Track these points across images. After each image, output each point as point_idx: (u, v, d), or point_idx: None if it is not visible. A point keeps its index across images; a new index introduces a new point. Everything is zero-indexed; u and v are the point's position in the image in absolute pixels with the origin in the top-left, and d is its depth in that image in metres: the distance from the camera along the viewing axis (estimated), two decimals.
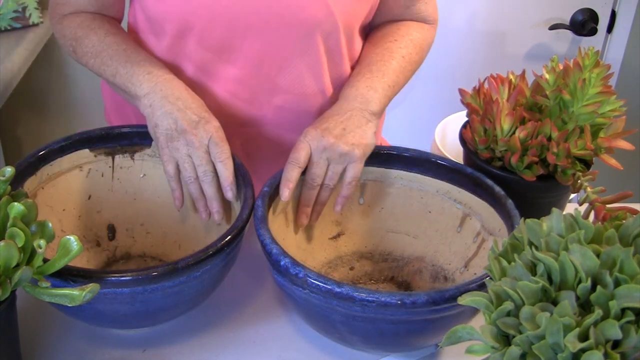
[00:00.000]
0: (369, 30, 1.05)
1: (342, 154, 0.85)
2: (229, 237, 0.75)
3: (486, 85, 0.91)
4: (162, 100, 0.86)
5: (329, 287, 0.69)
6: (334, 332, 0.75)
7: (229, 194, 0.83)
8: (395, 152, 0.91)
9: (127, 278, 0.70)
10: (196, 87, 0.94)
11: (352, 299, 0.68)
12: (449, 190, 0.89)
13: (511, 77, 0.91)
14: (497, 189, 0.84)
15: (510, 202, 0.82)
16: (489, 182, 0.85)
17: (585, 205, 0.82)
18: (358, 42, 1.01)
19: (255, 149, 1.01)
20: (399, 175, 0.92)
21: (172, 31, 0.93)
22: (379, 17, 1.03)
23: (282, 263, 0.72)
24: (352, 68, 1.00)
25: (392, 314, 0.69)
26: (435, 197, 0.90)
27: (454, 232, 0.89)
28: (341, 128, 0.87)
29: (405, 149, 0.91)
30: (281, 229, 0.84)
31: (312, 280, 0.70)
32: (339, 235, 0.92)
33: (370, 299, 0.68)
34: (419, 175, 0.91)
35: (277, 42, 0.92)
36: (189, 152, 0.84)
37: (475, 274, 0.84)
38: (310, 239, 0.89)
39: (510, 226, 0.79)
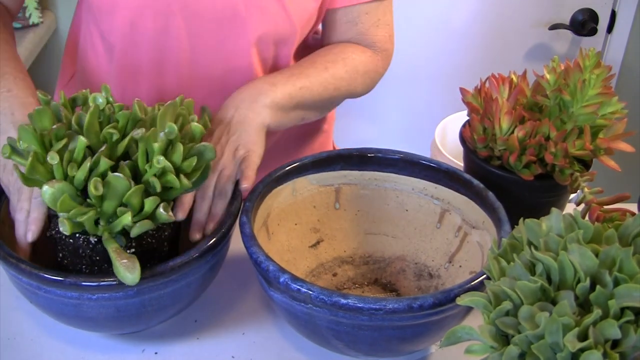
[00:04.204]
0: None
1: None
2: (214, 239, 0.75)
3: (487, 85, 0.91)
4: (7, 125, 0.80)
5: (334, 299, 0.67)
6: (337, 343, 0.75)
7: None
8: (367, 154, 0.90)
9: (105, 283, 0.70)
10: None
11: (360, 310, 0.67)
12: (425, 187, 0.89)
13: (512, 76, 0.91)
14: (476, 182, 0.84)
15: (491, 194, 0.82)
16: (466, 176, 0.85)
17: (583, 206, 0.82)
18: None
19: None
20: (372, 177, 0.91)
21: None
22: (325, 42, 1.03)
23: (281, 280, 0.70)
24: None
25: (400, 320, 0.69)
26: (411, 195, 0.90)
27: (434, 228, 0.89)
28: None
29: (377, 149, 0.90)
30: (264, 243, 0.81)
31: (316, 295, 0.68)
32: (318, 242, 0.91)
33: (377, 307, 0.67)
34: (392, 175, 0.90)
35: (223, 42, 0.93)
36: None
37: (460, 266, 0.84)
38: (292, 249, 0.88)
39: (497, 219, 0.79)
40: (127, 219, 0.68)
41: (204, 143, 0.75)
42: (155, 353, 0.81)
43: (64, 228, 0.67)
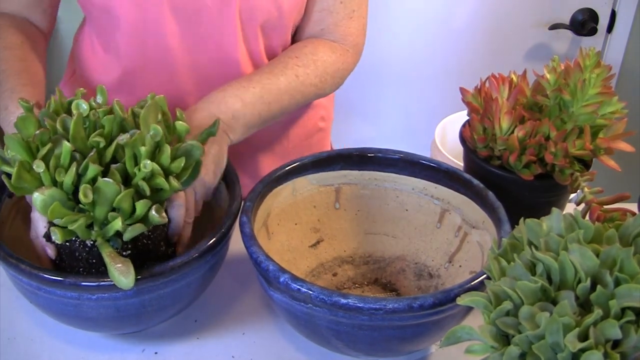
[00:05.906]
0: None
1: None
2: (214, 238, 0.75)
3: (487, 85, 0.91)
4: None
5: (334, 299, 0.67)
6: (337, 343, 0.75)
7: None
8: (367, 154, 0.90)
9: (104, 283, 0.70)
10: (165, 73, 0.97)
11: (360, 310, 0.67)
12: (425, 187, 0.89)
13: (513, 76, 0.91)
14: (476, 182, 0.84)
15: (491, 194, 0.82)
16: (466, 176, 0.85)
17: (583, 206, 0.82)
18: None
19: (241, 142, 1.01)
20: (372, 177, 0.91)
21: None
22: (297, 35, 1.03)
23: (281, 280, 0.70)
24: None
25: (400, 320, 0.69)
26: (411, 195, 0.90)
27: (434, 228, 0.89)
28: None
29: (377, 149, 0.90)
30: (264, 243, 0.81)
31: (316, 294, 0.68)
32: (318, 242, 0.91)
33: (377, 307, 0.66)
34: (393, 175, 0.90)
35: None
36: None
37: (460, 266, 0.84)
38: (292, 249, 0.88)
39: (497, 219, 0.79)
40: (117, 224, 0.68)
41: (191, 142, 0.74)
42: (155, 353, 0.81)
43: (56, 237, 0.67)
